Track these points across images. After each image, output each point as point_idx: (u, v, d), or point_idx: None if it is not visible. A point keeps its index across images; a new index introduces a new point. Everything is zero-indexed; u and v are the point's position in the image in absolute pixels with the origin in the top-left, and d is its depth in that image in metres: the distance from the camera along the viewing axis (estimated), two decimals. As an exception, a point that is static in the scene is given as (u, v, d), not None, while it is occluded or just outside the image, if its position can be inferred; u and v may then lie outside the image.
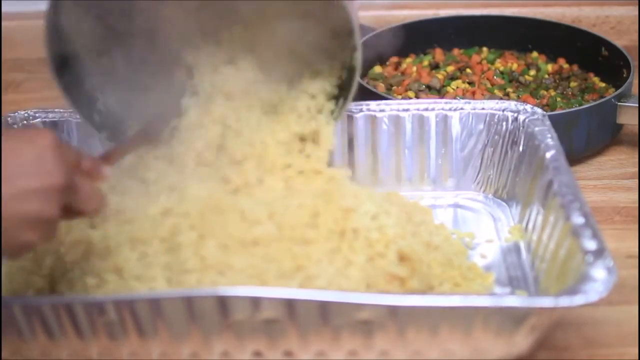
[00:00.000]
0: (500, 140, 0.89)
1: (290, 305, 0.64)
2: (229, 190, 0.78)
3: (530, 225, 0.82)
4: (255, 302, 0.64)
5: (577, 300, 0.62)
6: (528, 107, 0.88)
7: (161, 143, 0.81)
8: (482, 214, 0.89)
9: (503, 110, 0.89)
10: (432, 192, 0.91)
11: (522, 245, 0.82)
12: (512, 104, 0.89)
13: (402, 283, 0.72)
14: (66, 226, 0.75)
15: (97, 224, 0.75)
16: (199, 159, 0.80)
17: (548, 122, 0.86)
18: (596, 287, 0.63)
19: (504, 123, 0.89)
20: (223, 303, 0.64)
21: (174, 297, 0.64)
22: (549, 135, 0.84)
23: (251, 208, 0.73)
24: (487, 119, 0.89)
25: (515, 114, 0.88)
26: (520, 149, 0.87)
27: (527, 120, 0.87)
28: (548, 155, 0.81)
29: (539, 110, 0.88)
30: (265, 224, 0.72)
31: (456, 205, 0.90)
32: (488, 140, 0.90)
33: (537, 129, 0.85)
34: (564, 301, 0.62)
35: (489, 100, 0.91)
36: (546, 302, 0.63)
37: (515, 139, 0.87)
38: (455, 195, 0.91)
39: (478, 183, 0.91)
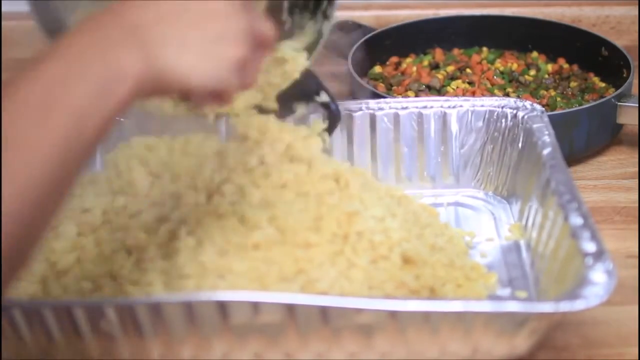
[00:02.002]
0: (500, 138, 0.89)
1: (290, 308, 0.64)
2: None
3: (529, 224, 0.82)
4: (255, 306, 0.63)
5: (578, 305, 0.62)
6: (527, 103, 0.88)
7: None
8: (482, 212, 0.89)
9: (502, 107, 0.89)
10: (432, 190, 0.91)
11: (522, 243, 0.82)
12: (511, 101, 0.89)
13: (410, 291, 0.72)
14: (54, 233, 0.75)
15: (86, 232, 0.75)
16: None
17: (546, 119, 0.86)
18: (596, 291, 0.63)
19: (503, 120, 0.88)
20: (223, 307, 0.64)
21: (174, 301, 0.64)
22: (546, 132, 0.83)
23: (250, 212, 0.73)
24: (487, 116, 0.89)
25: (514, 111, 0.88)
26: (520, 145, 0.87)
27: (525, 116, 0.87)
28: (545, 152, 0.81)
29: (538, 107, 0.87)
30: (266, 228, 0.72)
31: (457, 204, 0.90)
32: (487, 138, 0.89)
33: (535, 125, 0.85)
34: (565, 306, 0.62)
35: (488, 98, 0.91)
36: (546, 307, 0.63)
37: (515, 136, 0.87)
38: (455, 193, 0.91)
39: (478, 181, 0.91)
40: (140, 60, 0.54)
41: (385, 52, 1.12)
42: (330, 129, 0.84)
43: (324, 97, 0.85)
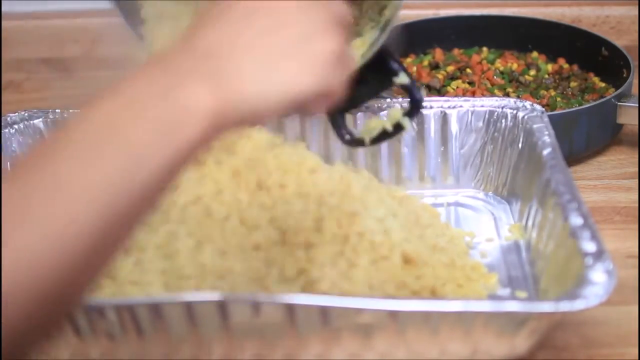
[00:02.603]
0: (500, 138, 0.89)
1: (290, 309, 0.63)
2: None
3: (529, 224, 0.82)
4: (255, 306, 0.63)
5: (577, 305, 0.62)
6: (527, 103, 0.88)
7: None
8: (482, 212, 0.89)
9: (502, 108, 0.89)
10: (432, 191, 0.91)
11: (522, 244, 0.82)
12: (511, 101, 0.89)
13: (411, 291, 0.72)
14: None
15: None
16: None
17: (546, 119, 0.86)
18: (596, 290, 0.63)
19: (503, 120, 0.88)
20: (223, 307, 0.63)
21: (174, 301, 0.64)
22: (547, 132, 0.83)
23: (250, 213, 0.73)
24: (487, 116, 0.89)
25: (515, 111, 0.88)
26: (520, 146, 0.87)
27: (526, 117, 0.87)
28: (545, 152, 0.81)
29: (538, 107, 0.87)
30: (266, 229, 0.72)
31: (457, 204, 0.90)
32: (487, 138, 0.89)
33: (535, 126, 0.85)
34: (564, 306, 0.62)
35: (488, 98, 0.91)
36: (546, 307, 0.63)
37: (515, 136, 0.87)
38: (455, 194, 0.91)
39: (478, 181, 0.91)
40: (212, 94, 0.48)
41: (385, 52, 1.12)
42: (412, 114, 0.77)
43: (403, 79, 0.78)
